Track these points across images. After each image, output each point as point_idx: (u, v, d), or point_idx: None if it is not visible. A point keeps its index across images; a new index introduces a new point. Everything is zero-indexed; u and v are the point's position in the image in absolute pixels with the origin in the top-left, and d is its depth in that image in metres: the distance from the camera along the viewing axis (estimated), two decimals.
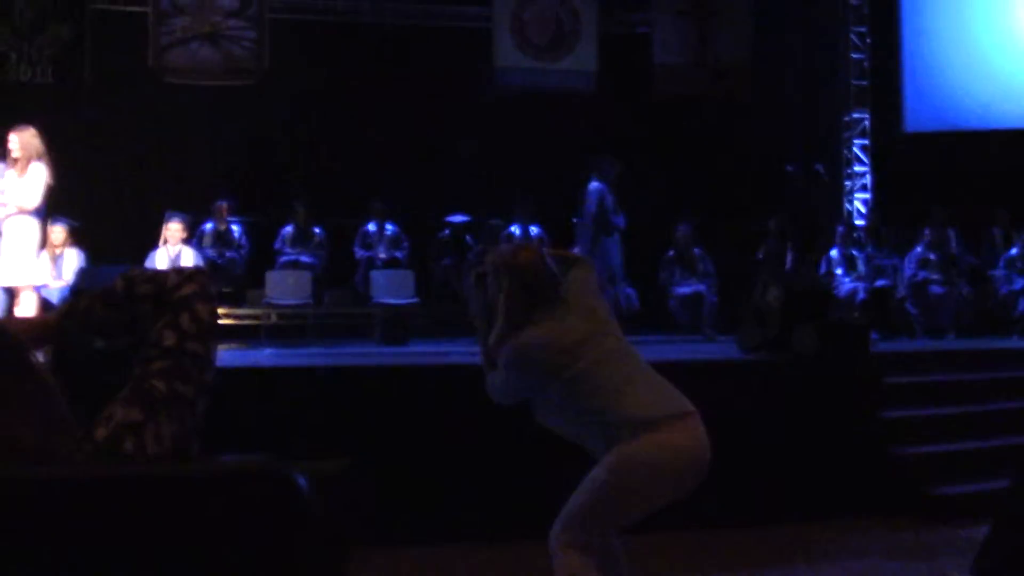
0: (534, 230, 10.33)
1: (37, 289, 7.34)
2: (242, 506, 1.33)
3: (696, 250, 10.09)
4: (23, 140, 7.14)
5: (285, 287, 9.55)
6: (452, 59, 11.35)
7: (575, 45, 11.74)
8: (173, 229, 9.07)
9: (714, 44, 12.07)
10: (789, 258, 8.78)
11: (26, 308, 7.10)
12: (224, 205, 10.04)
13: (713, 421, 3.14)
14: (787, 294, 6.91)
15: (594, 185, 8.83)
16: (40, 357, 1.59)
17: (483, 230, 10.07)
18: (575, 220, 10.00)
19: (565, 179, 11.03)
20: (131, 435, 1.45)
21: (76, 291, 6.84)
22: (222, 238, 10.01)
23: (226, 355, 8.30)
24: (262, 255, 10.10)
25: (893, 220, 11.10)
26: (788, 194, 9.10)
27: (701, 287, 9.86)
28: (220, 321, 6.68)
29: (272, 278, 9.63)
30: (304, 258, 10.07)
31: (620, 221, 8.83)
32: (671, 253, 10.08)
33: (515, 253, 3.21)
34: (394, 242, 10.37)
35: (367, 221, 10.42)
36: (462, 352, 8.23)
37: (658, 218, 10.31)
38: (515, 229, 10.29)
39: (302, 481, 1.33)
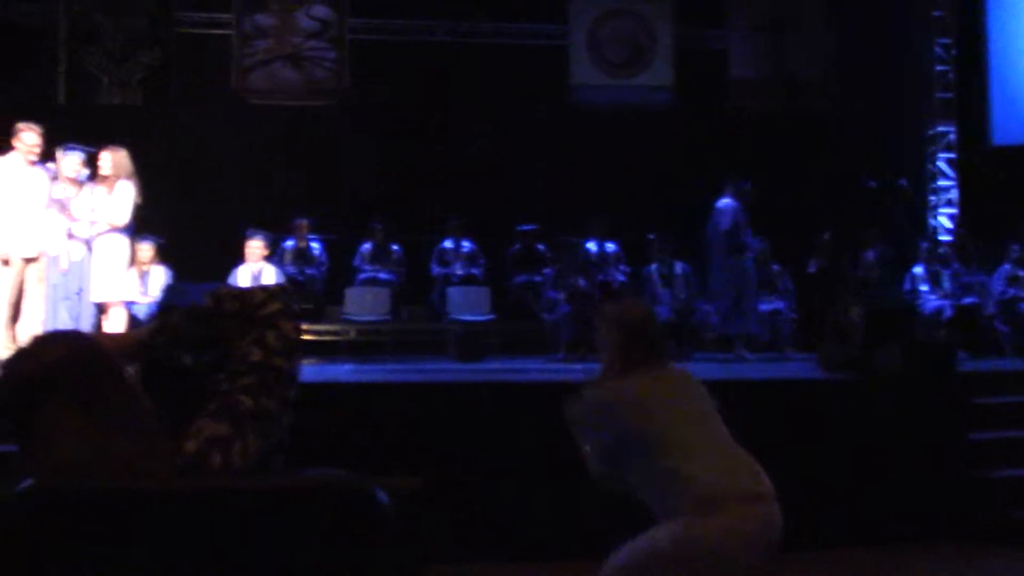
0: (610, 247, 10.30)
1: (126, 305, 7.56)
2: (324, 521, 1.35)
3: (774, 267, 9.95)
4: (113, 160, 7.39)
5: (363, 303, 9.66)
6: (528, 77, 11.41)
7: (651, 61, 11.72)
8: (254, 247, 9.26)
9: (791, 58, 11.93)
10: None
11: (115, 324, 7.32)
12: (304, 223, 10.22)
13: (793, 441, 3.10)
14: (870, 312, 6.78)
15: (728, 203, 8.77)
16: (130, 372, 1.63)
17: (559, 246, 10.07)
18: (650, 237, 9.97)
19: (640, 195, 11.03)
20: (219, 449, 1.49)
21: (164, 307, 7.02)
22: (302, 255, 10.18)
23: (306, 370, 8.41)
24: (341, 272, 10.24)
25: (980, 235, 10.81)
26: (870, 210, 8.94)
27: (779, 304, 9.71)
28: (302, 337, 6.78)
29: (351, 295, 9.76)
30: (382, 275, 10.18)
31: (753, 241, 8.76)
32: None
33: (627, 308, 3.31)
34: (470, 259, 10.43)
35: (444, 238, 10.51)
36: (537, 369, 8.24)
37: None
38: (591, 245, 10.27)
39: (383, 497, 1.35)
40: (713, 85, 11.85)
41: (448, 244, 10.49)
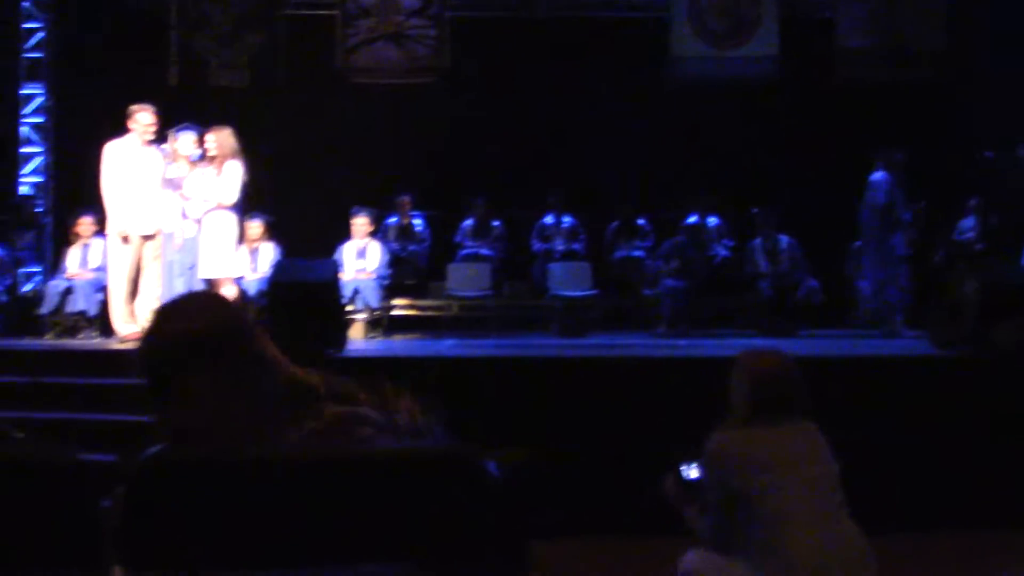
0: (713, 221, 10.16)
1: (236, 281, 7.78)
2: (436, 490, 1.38)
3: None
4: (220, 140, 7.59)
5: (465, 279, 9.75)
6: (628, 50, 11.27)
7: (755, 31, 11.44)
8: (359, 223, 9.42)
9: (903, 26, 11.49)
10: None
11: None
12: (407, 200, 10.35)
13: (904, 419, 3.01)
14: (986, 286, 6.53)
15: (880, 175, 8.51)
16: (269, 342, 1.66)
17: (658, 220, 9.98)
18: (754, 211, 9.79)
19: (744, 169, 10.83)
20: (341, 432, 1.52)
21: (273, 284, 7.20)
22: (405, 232, 10.32)
23: (409, 345, 8.57)
24: (443, 248, 10.35)
25: None
26: (987, 181, 8.60)
27: None
28: (405, 314, 6.90)
29: (453, 270, 9.85)
30: (484, 251, 10.25)
31: (907, 215, 8.49)
32: (858, 244, 9.67)
33: (761, 357, 3.19)
34: (571, 234, 10.42)
35: (544, 214, 10.52)
36: (639, 345, 8.21)
37: (842, 207, 9.92)
38: (693, 220, 10.14)
39: (493, 468, 1.36)
40: (820, 55, 11.51)
41: (549, 220, 10.49)
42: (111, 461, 3.90)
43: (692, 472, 3.23)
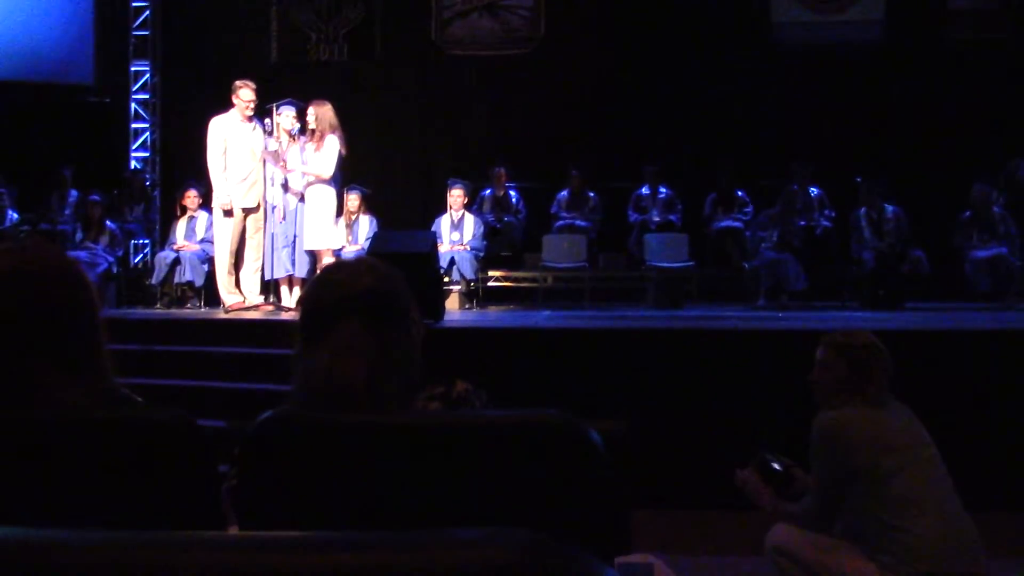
0: (814, 191, 9.94)
1: (336, 253, 7.93)
2: (540, 457, 1.39)
3: (996, 209, 9.28)
4: (319, 114, 7.72)
5: (561, 251, 9.75)
6: (726, 17, 11.06)
7: None
8: (455, 195, 9.49)
9: None
10: None
11: None
12: (502, 171, 10.38)
13: (1013, 396, 2.92)
14: None
15: None
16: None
17: (757, 190, 9.80)
18: (858, 180, 9.54)
19: (847, 137, 10.54)
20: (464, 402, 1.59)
21: (372, 254, 7.32)
22: (500, 203, 10.36)
23: (505, 316, 8.63)
24: (539, 219, 10.35)
25: None
26: None
27: (1002, 250, 9.05)
28: (501, 286, 6.94)
29: (548, 242, 9.86)
30: (579, 222, 10.23)
31: None
32: (967, 214, 9.32)
33: (852, 336, 3.13)
34: (668, 205, 10.32)
35: (641, 185, 10.43)
36: (736, 316, 8.11)
37: (952, 176, 9.60)
38: (793, 189, 9.94)
39: (596, 437, 1.37)
40: (928, 17, 11.10)
41: (645, 191, 10.40)
42: (220, 426, 4.05)
43: (775, 464, 3.19)
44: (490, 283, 9.80)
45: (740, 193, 10.22)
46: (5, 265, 1.62)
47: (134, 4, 11.14)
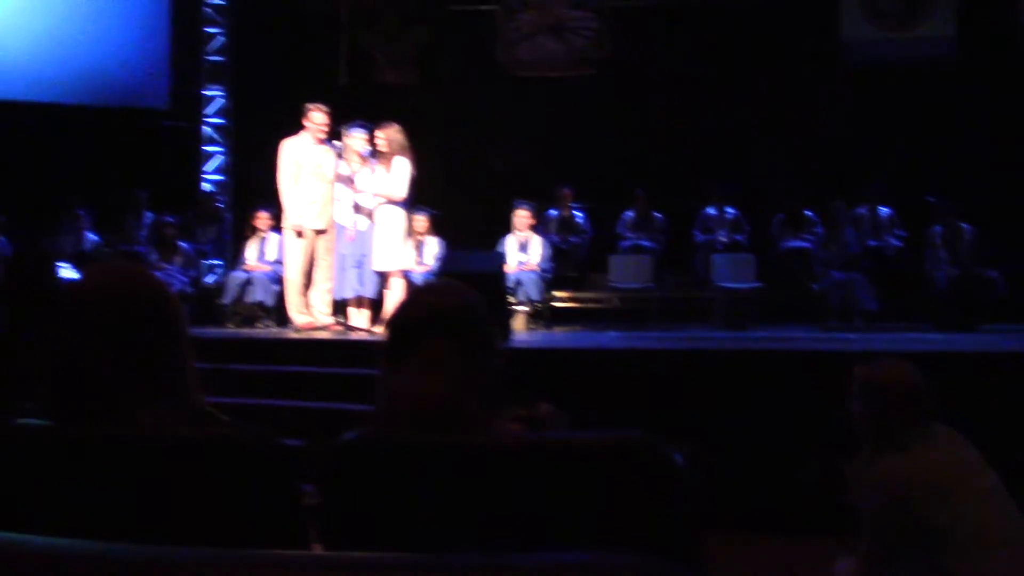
0: (884, 211, 9.78)
1: (405, 274, 8.00)
2: (625, 478, 1.40)
3: None
4: (389, 136, 7.82)
5: (627, 271, 9.73)
6: (792, 35, 10.96)
7: (931, 11, 10.92)
8: (521, 216, 9.52)
9: None
10: None
11: (395, 292, 7.77)
12: (567, 192, 10.39)
13: None
14: None
15: None
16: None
17: (829, 211, 9.68)
18: (930, 200, 9.37)
19: (917, 155, 10.36)
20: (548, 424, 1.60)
21: (442, 275, 7.37)
22: (566, 224, 10.37)
23: (572, 337, 8.62)
24: (604, 240, 10.34)
25: None
26: None
27: None
28: (567, 307, 6.95)
29: (614, 262, 9.84)
30: (645, 242, 10.19)
31: None
32: None
33: (882, 371, 2.89)
34: (735, 226, 10.24)
35: (706, 205, 10.37)
36: (805, 338, 8.00)
37: None
38: (863, 211, 9.81)
39: (679, 459, 1.38)
40: (1001, 34, 10.89)
41: (711, 211, 10.33)
42: (298, 445, 4.10)
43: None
44: (556, 304, 9.80)
45: (808, 213, 10.10)
46: (95, 285, 1.68)
47: (207, 30, 11.42)
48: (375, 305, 7.99)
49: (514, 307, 8.88)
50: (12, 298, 3.21)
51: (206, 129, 11.48)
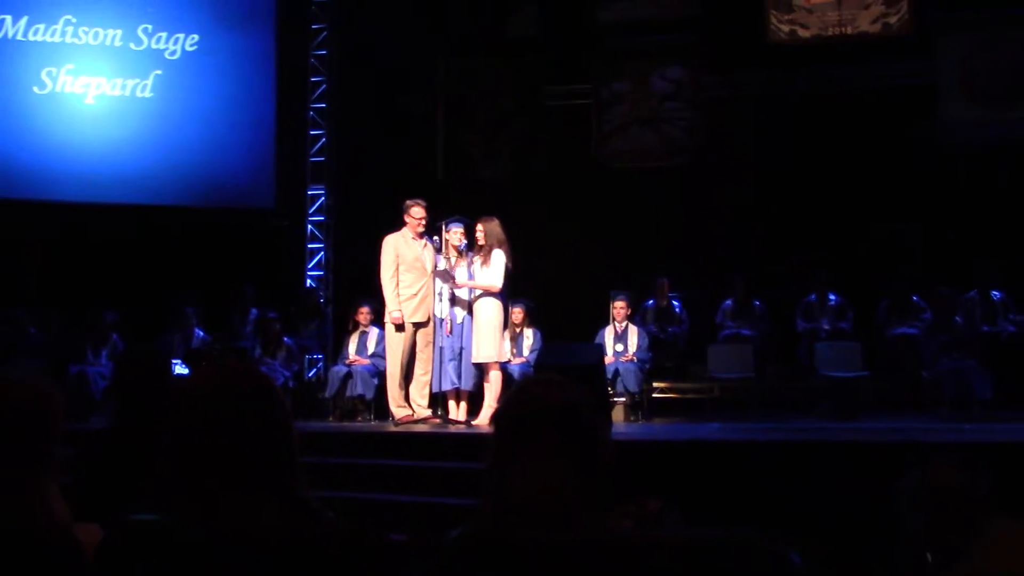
0: (996, 295, 9.46)
1: (503, 366, 8.01)
2: None
3: None
4: (487, 229, 7.93)
5: (727, 360, 9.56)
6: (889, 122, 10.83)
7: None
8: (618, 307, 9.49)
9: None
10: None
11: (494, 384, 7.78)
12: (665, 282, 10.34)
13: None
14: None
15: None
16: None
17: (934, 296, 9.40)
18: None
19: None
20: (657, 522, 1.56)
21: (541, 367, 7.36)
22: (664, 314, 10.29)
23: (672, 429, 8.47)
24: (703, 329, 10.21)
25: None
26: None
27: None
28: (666, 397, 6.85)
29: (714, 352, 9.69)
30: (745, 331, 10.03)
31: None
32: None
33: (928, 478, 2.72)
34: (838, 313, 10.00)
35: (808, 293, 10.17)
36: (917, 428, 7.71)
37: None
38: (973, 295, 9.50)
39: (797, 559, 1.32)
40: None
41: (813, 298, 10.13)
42: (402, 541, 4.08)
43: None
44: (655, 395, 9.68)
45: (915, 299, 9.81)
46: (208, 383, 1.72)
47: (312, 132, 11.84)
48: (473, 398, 8.01)
49: (613, 399, 8.79)
50: (125, 395, 3.30)
51: (309, 227, 11.82)
